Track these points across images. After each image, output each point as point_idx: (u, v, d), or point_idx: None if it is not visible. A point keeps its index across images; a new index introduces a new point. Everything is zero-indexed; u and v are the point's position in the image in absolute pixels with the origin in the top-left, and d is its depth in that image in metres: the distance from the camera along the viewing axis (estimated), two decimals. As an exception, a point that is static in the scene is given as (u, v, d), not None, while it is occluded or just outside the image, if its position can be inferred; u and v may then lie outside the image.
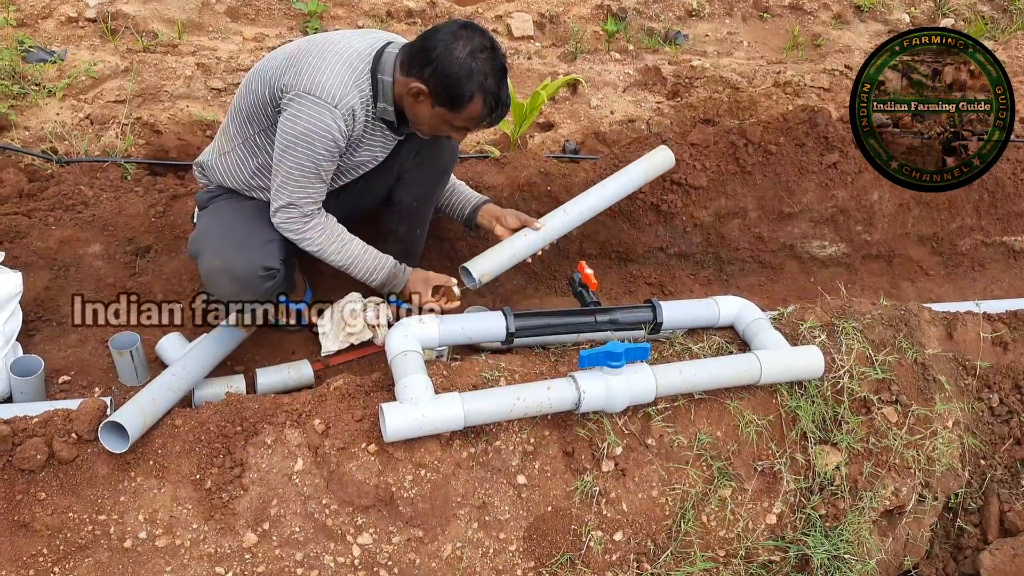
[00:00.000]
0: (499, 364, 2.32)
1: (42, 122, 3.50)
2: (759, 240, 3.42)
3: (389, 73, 2.27)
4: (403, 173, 2.63)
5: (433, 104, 2.23)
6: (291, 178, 2.28)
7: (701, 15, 5.59)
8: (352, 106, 2.24)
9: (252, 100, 2.36)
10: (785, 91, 4.50)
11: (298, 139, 2.22)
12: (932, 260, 3.65)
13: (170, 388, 2.20)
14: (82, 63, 3.87)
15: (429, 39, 2.20)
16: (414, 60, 2.21)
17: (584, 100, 4.37)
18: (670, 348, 2.47)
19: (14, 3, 4.26)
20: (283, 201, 2.32)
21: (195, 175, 2.63)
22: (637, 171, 2.92)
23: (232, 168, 2.47)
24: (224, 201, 2.51)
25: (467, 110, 2.22)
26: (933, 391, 2.52)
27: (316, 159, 2.25)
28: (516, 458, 2.17)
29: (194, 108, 3.72)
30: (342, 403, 2.17)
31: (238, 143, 2.44)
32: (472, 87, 2.17)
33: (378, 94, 2.29)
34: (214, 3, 4.62)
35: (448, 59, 2.15)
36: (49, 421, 1.97)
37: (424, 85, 2.20)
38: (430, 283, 2.56)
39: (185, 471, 2.01)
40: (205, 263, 2.36)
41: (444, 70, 2.16)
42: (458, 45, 2.16)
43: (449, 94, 2.19)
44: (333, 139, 2.24)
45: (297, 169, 2.26)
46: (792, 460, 2.38)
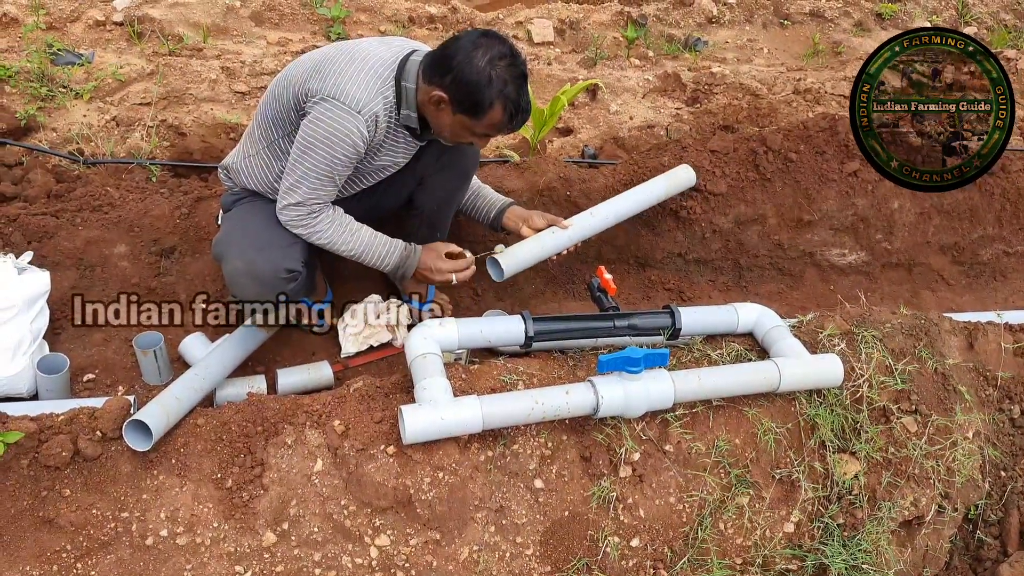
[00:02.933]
0: (517, 368, 2.33)
1: (69, 124, 3.56)
2: (778, 247, 3.41)
3: (413, 81, 2.30)
4: (425, 177, 2.65)
5: (454, 111, 2.25)
6: (305, 179, 2.30)
7: (721, 22, 5.60)
8: (375, 112, 2.27)
9: (277, 105, 2.39)
10: (805, 98, 4.50)
11: (319, 141, 2.24)
12: (953, 269, 3.63)
13: (193, 388, 2.22)
14: (109, 66, 3.92)
15: (449, 47, 2.22)
16: (435, 69, 2.23)
17: (603, 106, 4.38)
18: (688, 354, 2.47)
19: (44, 7, 4.33)
20: (292, 200, 2.33)
21: (220, 177, 2.67)
22: (659, 186, 3.02)
23: (257, 171, 2.50)
24: (248, 204, 2.55)
25: (488, 117, 2.24)
26: (953, 401, 2.50)
27: (333, 163, 2.27)
28: (534, 462, 2.18)
29: (218, 111, 3.76)
30: (362, 404, 2.18)
31: (263, 147, 2.47)
32: (492, 95, 2.19)
33: (402, 101, 2.32)
34: (239, 7, 4.67)
35: (468, 67, 2.17)
36: (74, 419, 2.00)
37: (445, 93, 2.22)
38: (441, 252, 2.57)
39: (206, 470, 2.03)
40: (229, 265, 2.39)
41: (464, 78, 2.18)
42: (478, 53, 2.18)
43: (469, 102, 2.21)
44: (353, 144, 2.26)
45: (313, 171, 2.28)
46: (810, 468, 2.38)
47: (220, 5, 4.61)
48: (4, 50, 3.94)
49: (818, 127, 3.35)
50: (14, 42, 4.08)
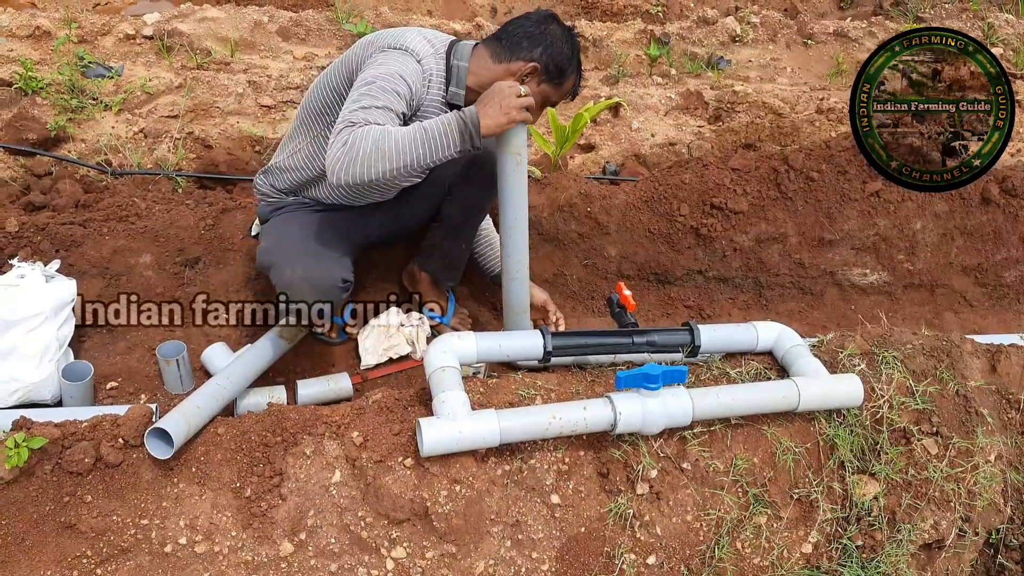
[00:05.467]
0: (535, 382, 2.34)
1: (98, 135, 3.62)
2: (799, 266, 3.40)
3: (465, 60, 2.39)
4: (453, 187, 2.67)
5: (540, 82, 2.41)
6: (362, 99, 2.16)
7: (744, 41, 5.60)
8: (431, 69, 2.35)
9: (327, 92, 2.44)
10: (828, 118, 4.49)
11: (377, 71, 2.24)
12: (976, 291, 3.60)
13: (214, 397, 2.25)
14: (138, 79, 3.99)
15: (525, 26, 2.41)
16: (518, 45, 2.39)
17: (625, 123, 4.39)
18: (707, 372, 2.46)
19: (76, 21, 4.41)
20: (343, 126, 2.12)
21: (256, 184, 2.69)
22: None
23: (302, 165, 2.53)
24: (291, 213, 2.58)
25: (566, 85, 2.47)
26: (975, 424, 2.48)
27: (394, 79, 2.22)
28: (550, 477, 2.18)
29: (244, 124, 3.81)
30: (380, 416, 2.19)
31: (308, 140, 2.51)
32: (574, 64, 2.45)
33: (451, 78, 2.39)
34: (266, 23, 4.74)
35: (555, 40, 2.40)
36: (98, 426, 2.03)
37: (537, 63, 2.37)
38: (498, 87, 2.24)
39: (226, 479, 2.05)
40: (287, 273, 2.42)
41: (554, 48, 2.39)
42: (555, 28, 2.42)
43: (558, 71, 2.41)
44: (411, 71, 2.27)
45: (369, 91, 2.17)
46: (829, 489, 2.36)
47: (248, 20, 4.68)
48: (37, 62, 4.01)
49: (840, 147, 3.34)
50: (46, 54, 4.16)
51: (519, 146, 2.31)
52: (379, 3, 5.65)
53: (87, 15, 4.65)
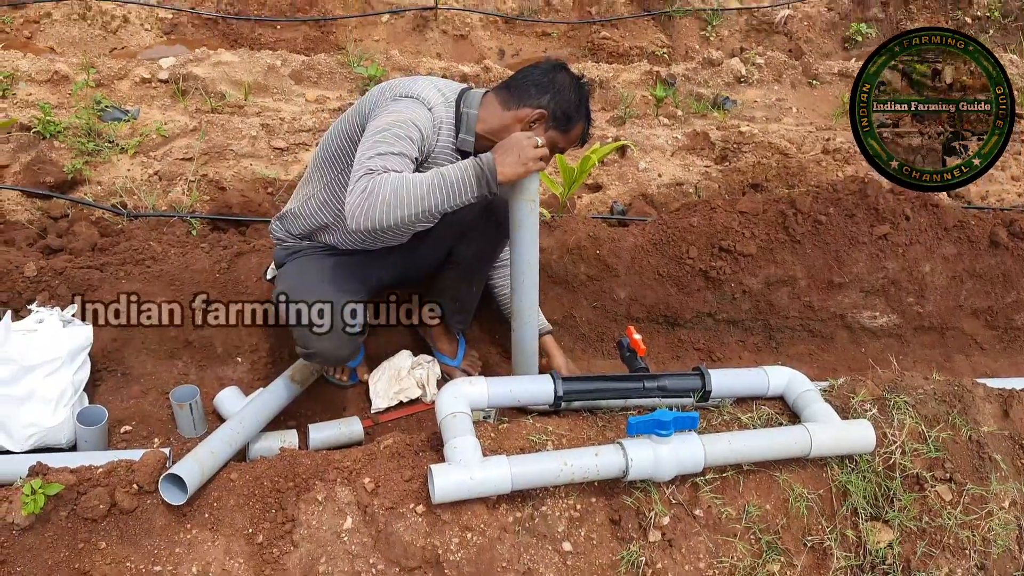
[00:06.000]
0: (547, 427, 2.34)
1: (113, 177, 3.68)
2: (809, 309, 3.41)
3: (475, 108, 2.42)
4: (467, 231, 2.70)
5: (547, 129, 2.44)
6: (382, 141, 2.20)
7: (750, 81, 5.66)
8: (441, 117, 2.39)
9: (341, 139, 2.47)
10: (835, 158, 4.52)
11: (389, 117, 2.27)
12: (987, 334, 3.60)
13: (228, 442, 2.26)
14: (153, 122, 4.05)
15: (533, 74, 2.46)
16: (526, 92, 2.43)
17: (632, 163, 4.43)
18: (719, 417, 2.46)
19: (94, 66, 4.50)
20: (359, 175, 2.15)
21: (272, 229, 2.72)
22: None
23: (315, 211, 2.56)
24: (306, 259, 2.61)
25: (573, 132, 2.51)
26: (988, 470, 2.47)
27: (407, 126, 2.25)
28: (562, 524, 2.17)
29: (257, 166, 3.86)
30: (392, 462, 2.20)
31: (321, 187, 2.54)
32: (581, 112, 2.49)
33: (461, 125, 2.42)
34: (279, 66, 4.82)
35: (563, 88, 2.44)
36: (112, 471, 2.04)
37: (544, 110, 2.40)
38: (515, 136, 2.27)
39: (239, 525, 2.05)
40: (303, 319, 2.45)
41: (562, 96, 2.43)
42: (563, 76, 2.46)
43: (565, 118, 2.45)
44: (423, 119, 2.31)
45: (384, 139, 2.21)
46: (843, 536, 2.35)
47: (261, 64, 4.76)
48: (56, 106, 4.09)
49: (848, 190, 3.37)
50: (65, 98, 4.24)
51: (532, 193, 2.35)
52: (389, 47, 5.75)
53: (104, 60, 4.74)
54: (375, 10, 6.07)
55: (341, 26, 6.00)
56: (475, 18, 6.17)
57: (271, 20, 5.90)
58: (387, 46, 5.78)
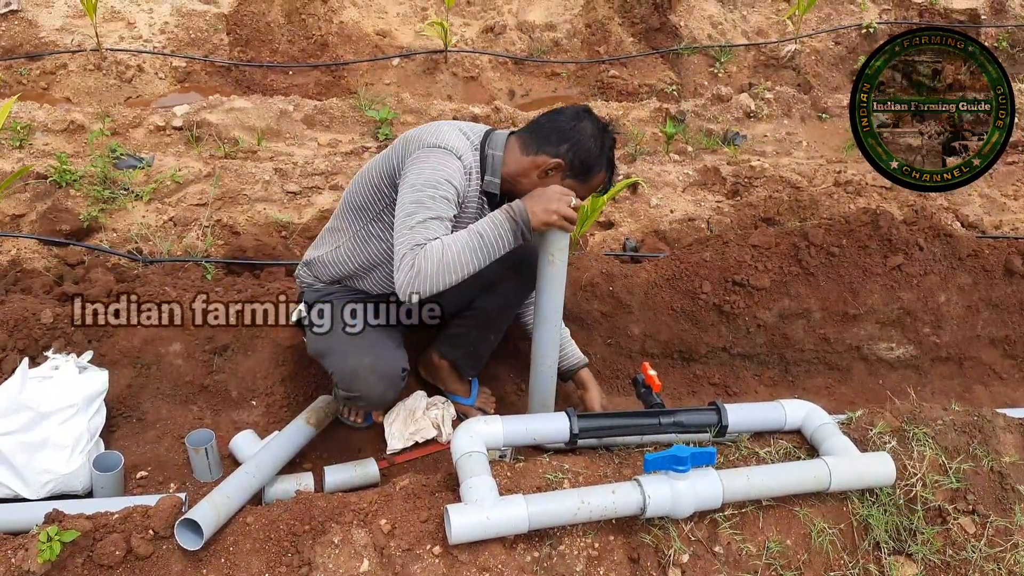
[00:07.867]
0: (563, 465, 2.32)
1: (129, 224, 3.72)
2: (825, 341, 3.39)
3: (500, 149, 2.44)
4: (494, 283, 2.70)
5: (564, 177, 2.42)
6: (420, 205, 2.26)
7: (759, 116, 5.70)
8: (470, 164, 2.40)
9: (367, 189, 2.50)
10: (846, 190, 4.53)
11: (425, 171, 2.30)
12: (1005, 363, 3.56)
13: (243, 486, 2.25)
14: (168, 168, 4.11)
15: (557, 121, 2.44)
16: (546, 139, 2.42)
17: (644, 199, 4.45)
18: (736, 452, 2.44)
19: (109, 115, 4.58)
20: (408, 245, 2.22)
21: (298, 276, 2.74)
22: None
23: (344, 259, 2.58)
24: (342, 301, 2.60)
25: (593, 182, 2.48)
26: (1012, 501, 2.42)
27: (441, 185, 2.29)
28: (580, 563, 2.15)
29: (271, 210, 3.90)
30: (407, 503, 2.18)
31: (349, 236, 2.56)
32: (602, 161, 2.45)
33: (486, 168, 2.44)
34: (291, 111, 4.89)
35: (584, 137, 2.41)
36: (128, 517, 2.03)
37: (562, 159, 2.39)
38: (546, 189, 2.33)
39: (255, 569, 2.04)
40: (351, 362, 2.47)
41: (581, 145, 2.41)
42: (586, 125, 2.43)
43: (583, 167, 2.43)
44: (458, 172, 2.33)
45: (425, 195, 2.26)
46: (865, 571, 2.30)
47: (274, 110, 4.83)
48: (71, 155, 4.16)
49: (860, 221, 3.37)
50: (80, 147, 4.31)
51: (563, 245, 2.39)
52: (400, 90, 5.82)
53: (119, 108, 4.82)
54: (385, 54, 6.17)
55: (352, 70, 6.09)
56: (484, 60, 6.26)
57: (283, 66, 6.00)
58: (398, 89, 5.86)
